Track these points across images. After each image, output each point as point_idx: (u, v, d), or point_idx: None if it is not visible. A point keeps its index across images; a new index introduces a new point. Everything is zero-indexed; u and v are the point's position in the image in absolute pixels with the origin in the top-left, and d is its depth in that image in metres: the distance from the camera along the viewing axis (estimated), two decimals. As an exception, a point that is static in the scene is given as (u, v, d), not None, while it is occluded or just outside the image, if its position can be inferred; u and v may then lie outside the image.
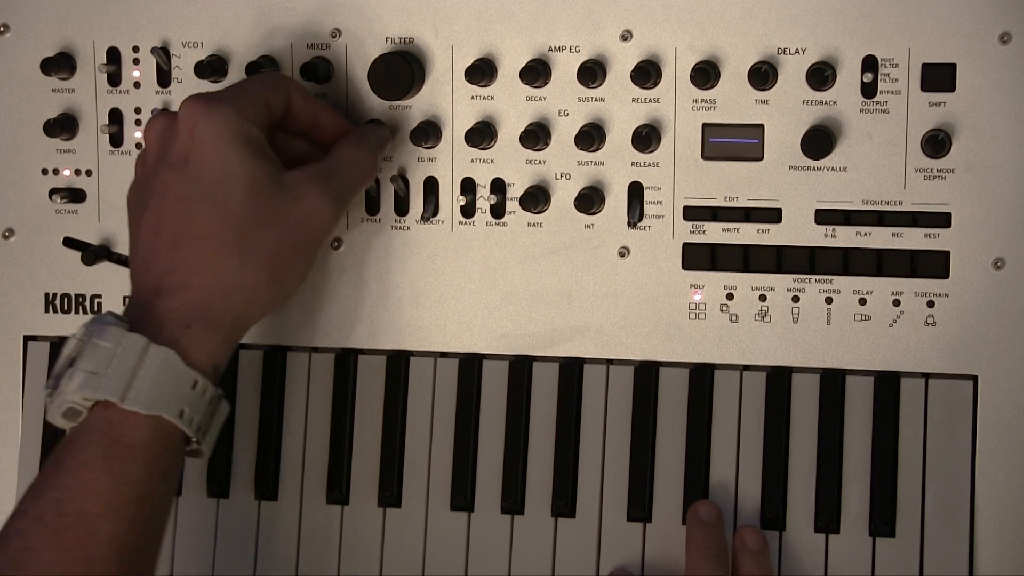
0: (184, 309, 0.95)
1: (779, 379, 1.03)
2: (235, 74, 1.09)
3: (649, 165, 1.04)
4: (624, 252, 1.05)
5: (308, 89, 1.06)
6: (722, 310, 1.04)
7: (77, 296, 1.12)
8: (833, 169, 1.02)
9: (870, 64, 1.01)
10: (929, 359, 1.01)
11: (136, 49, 1.11)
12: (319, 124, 1.04)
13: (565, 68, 1.05)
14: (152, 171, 0.99)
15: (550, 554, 1.06)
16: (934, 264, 1.01)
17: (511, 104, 1.06)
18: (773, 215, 1.03)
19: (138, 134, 1.11)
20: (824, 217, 1.02)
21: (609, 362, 1.06)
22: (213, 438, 0.98)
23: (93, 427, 0.92)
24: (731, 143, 1.03)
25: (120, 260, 1.11)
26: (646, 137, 1.03)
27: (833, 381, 1.03)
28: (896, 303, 1.02)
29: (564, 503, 1.05)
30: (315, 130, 1.05)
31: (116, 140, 1.12)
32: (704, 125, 1.04)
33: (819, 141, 1.00)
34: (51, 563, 0.88)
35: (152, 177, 0.98)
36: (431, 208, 1.07)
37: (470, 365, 1.07)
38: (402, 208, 1.08)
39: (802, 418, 1.03)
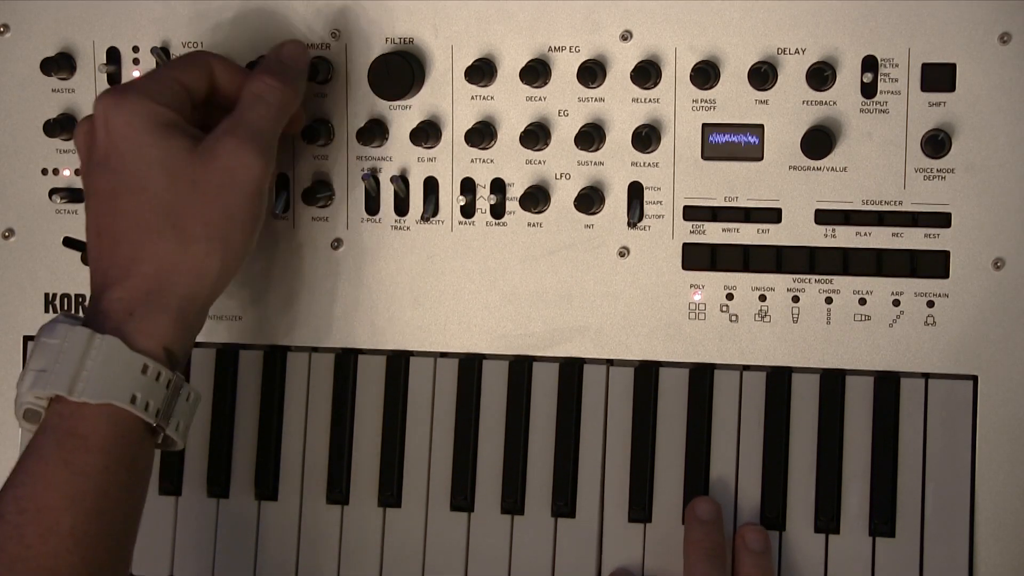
0: (127, 298, 0.95)
1: (779, 379, 1.03)
2: (235, 74, 1.09)
3: (649, 165, 1.04)
4: (624, 252, 1.05)
5: (307, 89, 1.06)
6: (722, 310, 1.04)
7: (77, 296, 1.12)
8: (833, 169, 1.02)
9: (870, 64, 1.01)
10: (929, 359, 1.01)
11: (136, 49, 1.11)
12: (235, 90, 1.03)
13: (565, 68, 1.04)
14: (84, 175, 0.99)
15: (550, 554, 1.06)
16: (934, 264, 1.01)
17: (511, 104, 1.06)
18: (773, 215, 1.03)
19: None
20: (824, 217, 1.02)
21: (609, 362, 1.06)
22: (184, 426, 0.97)
23: (48, 423, 0.92)
24: (731, 143, 1.03)
25: (120, 260, 1.10)
26: (646, 137, 1.03)
27: (833, 381, 1.03)
28: (896, 303, 1.02)
29: (564, 503, 1.05)
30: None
31: (116, 140, 1.11)
32: (704, 125, 1.04)
33: (819, 141, 1.00)
34: (15, 558, 0.89)
35: (85, 180, 0.99)
36: (431, 208, 1.07)
37: (470, 365, 1.07)
38: (402, 208, 1.08)
39: (802, 418, 1.03)
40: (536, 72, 1.03)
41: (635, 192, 1.05)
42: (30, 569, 0.89)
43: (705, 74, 1.01)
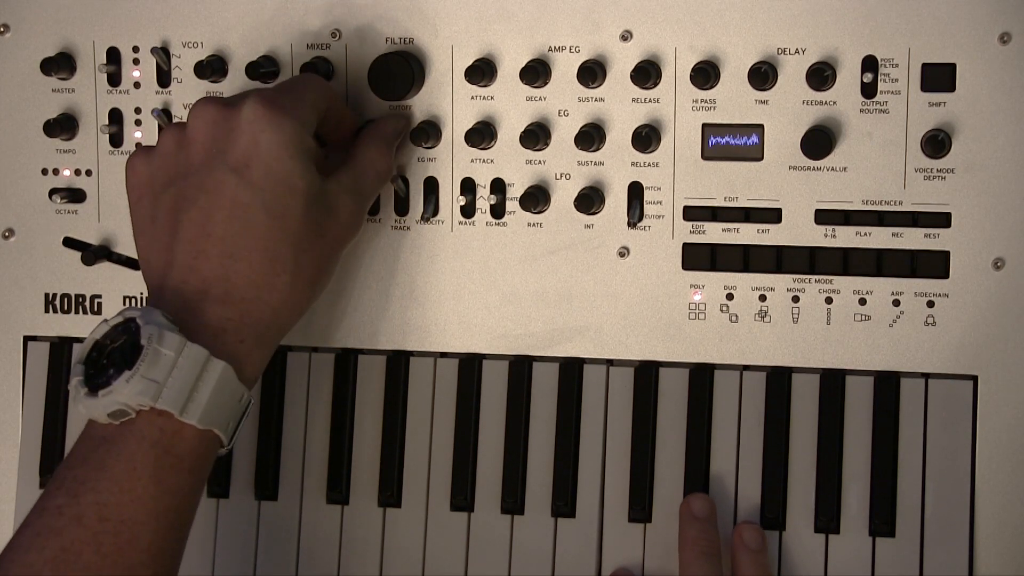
0: (238, 321, 0.93)
1: (779, 379, 1.03)
2: (235, 74, 1.09)
3: (649, 165, 1.04)
4: (624, 252, 1.05)
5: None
6: (722, 310, 1.04)
7: (77, 296, 1.12)
8: (833, 169, 1.02)
9: (870, 64, 1.01)
10: (929, 359, 1.01)
11: (136, 49, 1.11)
12: (341, 126, 1.04)
13: (565, 68, 1.05)
14: (201, 166, 0.95)
15: (550, 554, 1.06)
16: (934, 264, 1.01)
17: (511, 104, 1.06)
18: (773, 215, 1.03)
19: (138, 134, 1.11)
20: (824, 217, 1.02)
21: (609, 362, 1.06)
22: (236, 437, 0.97)
23: (146, 434, 0.90)
24: (731, 143, 1.03)
25: (120, 260, 1.10)
26: (646, 137, 1.03)
27: (833, 381, 1.03)
28: (896, 303, 1.02)
29: (564, 503, 1.05)
30: (335, 132, 1.04)
31: (116, 140, 1.12)
32: (704, 125, 1.04)
33: (819, 141, 1.00)
34: (89, 566, 0.88)
35: (201, 172, 0.95)
36: (431, 208, 1.07)
37: (470, 365, 1.07)
38: (402, 208, 1.08)
39: (802, 418, 1.03)
40: (536, 72, 1.03)
41: (635, 192, 1.05)
42: None
43: (705, 74, 1.01)
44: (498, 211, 1.07)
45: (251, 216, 0.94)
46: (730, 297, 1.04)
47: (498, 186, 1.07)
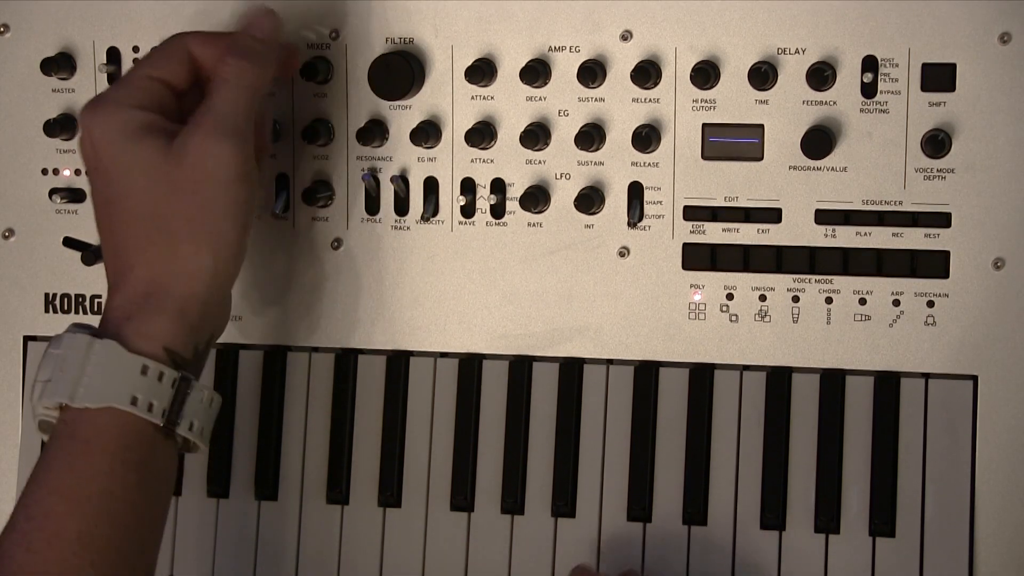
0: (125, 304, 0.95)
1: (779, 379, 1.03)
2: (235, 74, 1.09)
3: (649, 165, 1.04)
4: (624, 252, 1.05)
5: (307, 89, 1.06)
6: (722, 310, 1.04)
7: (77, 296, 1.12)
8: (833, 169, 1.02)
9: (870, 64, 1.01)
10: (929, 359, 1.01)
11: (136, 49, 1.11)
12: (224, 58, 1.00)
13: (565, 68, 1.04)
14: (89, 183, 1.00)
15: (550, 554, 1.06)
16: (934, 264, 1.01)
17: (511, 104, 1.06)
18: (773, 215, 1.03)
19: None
20: (824, 217, 1.02)
21: (609, 362, 1.06)
22: (200, 426, 0.96)
23: (56, 431, 0.93)
24: (731, 143, 1.03)
25: (120, 260, 1.10)
26: (646, 137, 1.03)
27: (833, 381, 1.03)
28: (896, 303, 1.02)
29: (564, 503, 1.05)
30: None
31: (116, 140, 1.11)
32: (704, 125, 1.04)
33: (819, 141, 1.00)
34: (22, 565, 0.89)
35: (90, 189, 1.00)
36: (431, 208, 1.07)
37: (470, 365, 1.07)
38: (402, 208, 1.08)
39: (802, 418, 1.03)
40: (536, 72, 1.03)
41: (635, 192, 1.05)
42: (38, 573, 0.89)
43: (705, 74, 1.01)
44: (498, 211, 1.07)
45: (111, 208, 0.97)
46: (730, 297, 1.04)
47: (498, 186, 1.07)
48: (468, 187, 1.07)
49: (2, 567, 0.89)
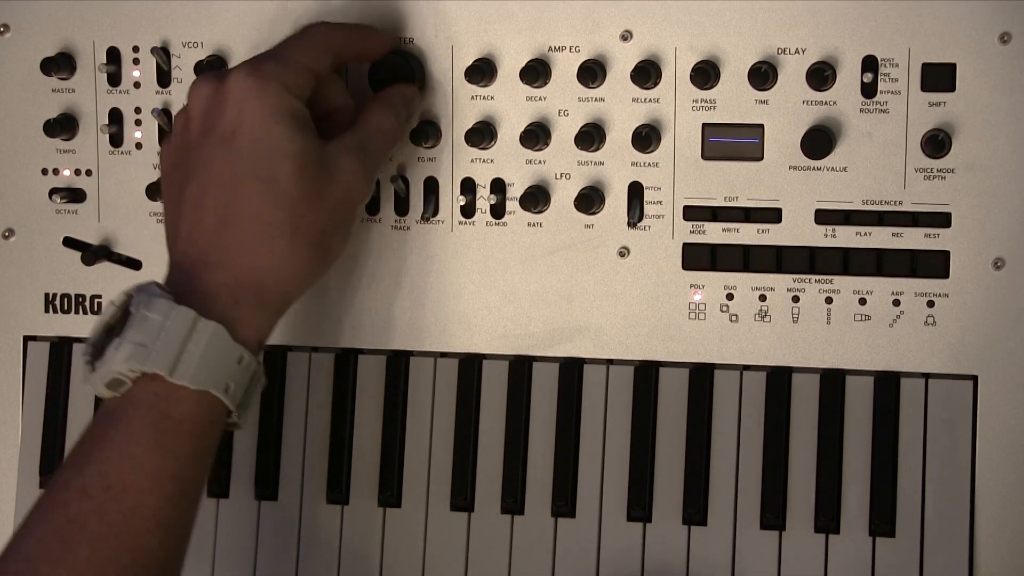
0: (233, 285, 0.94)
1: (779, 379, 1.03)
2: (235, 74, 1.09)
3: (649, 165, 1.04)
4: (624, 252, 1.05)
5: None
6: (722, 310, 1.04)
7: (77, 296, 1.12)
8: (833, 169, 1.02)
9: (870, 64, 1.01)
10: (929, 359, 1.01)
11: (136, 49, 1.11)
12: (363, 55, 1.04)
13: (565, 68, 1.04)
14: (196, 142, 0.97)
15: (550, 554, 1.06)
16: (934, 264, 1.01)
17: (511, 104, 1.06)
18: (773, 215, 1.03)
19: (138, 134, 1.11)
20: (824, 217, 1.02)
21: (609, 362, 1.06)
22: (249, 411, 0.97)
23: (140, 400, 0.91)
24: (731, 143, 1.03)
25: (120, 260, 1.10)
26: (646, 137, 1.03)
27: (833, 381, 1.03)
28: (896, 303, 1.02)
29: (564, 503, 1.05)
30: (362, 59, 1.05)
31: (116, 140, 1.12)
32: (704, 125, 1.04)
33: (819, 141, 1.00)
34: (95, 536, 0.88)
35: (196, 149, 0.97)
36: (431, 208, 1.07)
37: (470, 365, 1.07)
38: (402, 208, 1.08)
39: (802, 418, 1.03)
40: (536, 72, 1.03)
41: (635, 192, 1.05)
42: (111, 547, 0.88)
43: (705, 74, 1.01)
44: (498, 211, 1.07)
45: (241, 185, 0.95)
46: (730, 297, 1.04)
47: (498, 186, 1.07)
48: (468, 187, 1.07)
49: (70, 534, 0.88)
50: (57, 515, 0.89)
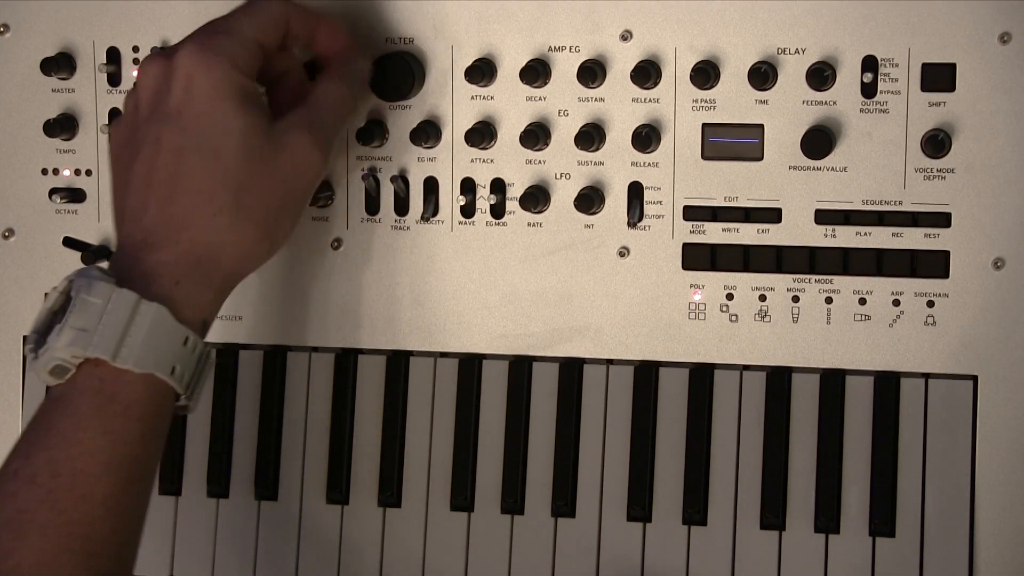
0: (174, 263, 0.93)
1: (779, 379, 1.03)
2: (235, 74, 1.09)
3: (649, 165, 1.04)
4: (624, 252, 1.05)
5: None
6: (722, 310, 1.04)
7: (77, 296, 1.12)
8: (833, 169, 1.02)
9: (870, 64, 1.01)
10: (929, 359, 1.01)
11: (136, 49, 1.11)
12: (316, 40, 1.03)
13: (565, 68, 1.05)
14: (144, 120, 0.97)
15: (550, 554, 1.06)
16: (934, 264, 1.01)
17: (511, 104, 1.06)
18: (773, 215, 1.03)
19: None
20: (824, 217, 1.02)
21: (609, 362, 1.06)
22: (200, 393, 0.96)
23: (85, 386, 0.90)
24: (731, 143, 1.03)
25: (120, 260, 1.10)
26: (646, 137, 1.03)
27: (833, 381, 1.03)
28: (896, 303, 1.02)
29: (564, 503, 1.05)
30: (311, 45, 1.04)
31: (116, 140, 1.12)
32: (704, 125, 1.04)
33: (819, 141, 1.00)
34: (45, 524, 0.87)
35: (144, 126, 0.97)
36: (431, 208, 1.07)
37: (470, 365, 1.07)
38: (402, 208, 1.08)
39: (802, 418, 1.03)
40: (536, 72, 1.03)
41: (635, 192, 1.05)
42: (62, 535, 0.87)
43: (705, 74, 1.01)
44: (498, 211, 1.07)
45: (185, 159, 0.94)
46: (730, 297, 1.04)
47: (498, 186, 1.07)
48: (468, 187, 1.07)
49: (20, 524, 0.87)
50: (6, 505, 0.87)
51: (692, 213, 1.04)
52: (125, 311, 0.90)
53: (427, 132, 1.06)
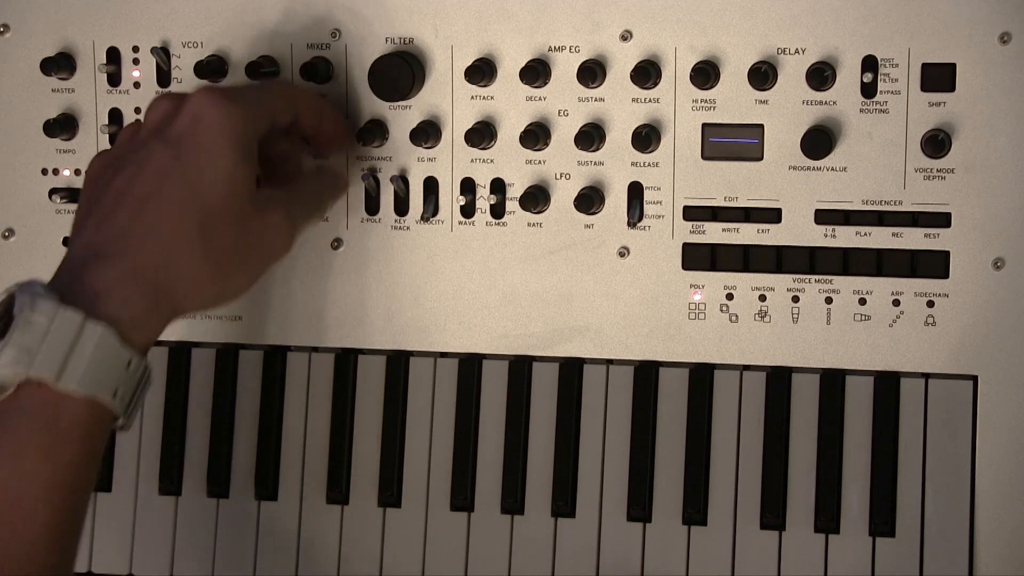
0: (126, 280, 0.91)
1: (779, 379, 1.03)
2: (235, 74, 1.09)
3: (649, 165, 1.04)
4: (624, 252, 1.05)
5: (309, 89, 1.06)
6: (722, 310, 1.04)
7: (77, 296, 1.12)
8: (833, 169, 1.02)
9: (870, 64, 1.01)
10: (929, 359, 1.01)
11: (136, 49, 1.11)
12: (320, 132, 1.05)
13: (565, 68, 1.05)
14: (141, 142, 0.97)
15: (550, 554, 1.06)
16: (934, 264, 1.01)
17: (511, 104, 1.06)
18: (773, 215, 1.03)
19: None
20: (824, 217, 1.02)
21: (609, 362, 1.06)
22: (136, 413, 0.94)
23: (27, 408, 0.88)
24: (731, 143, 1.03)
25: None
26: (646, 137, 1.03)
27: (833, 381, 1.03)
28: (896, 303, 1.02)
29: (564, 503, 1.05)
30: (314, 136, 1.05)
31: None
32: (704, 125, 1.04)
33: (819, 141, 1.00)
34: None
35: (139, 146, 0.96)
36: (431, 208, 1.07)
37: (470, 365, 1.07)
38: (402, 208, 1.08)
39: (802, 418, 1.03)
40: (536, 72, 1.03)
41: (635, 192, 1.05)
42: (2, 559, 0.85)
43: (705, 74, 1.01)
44: (498, 211, 1.07)
45: (168, 182, 0.94)
46: (730, 297, 1.04)
47: (498, 186, 1.07)
48: (468, 187, 1.07)
49: None
50: None
51: (692, 213, 1.04)
52: (70, 332, 0.87)
53: (427, 132, 1.06)
